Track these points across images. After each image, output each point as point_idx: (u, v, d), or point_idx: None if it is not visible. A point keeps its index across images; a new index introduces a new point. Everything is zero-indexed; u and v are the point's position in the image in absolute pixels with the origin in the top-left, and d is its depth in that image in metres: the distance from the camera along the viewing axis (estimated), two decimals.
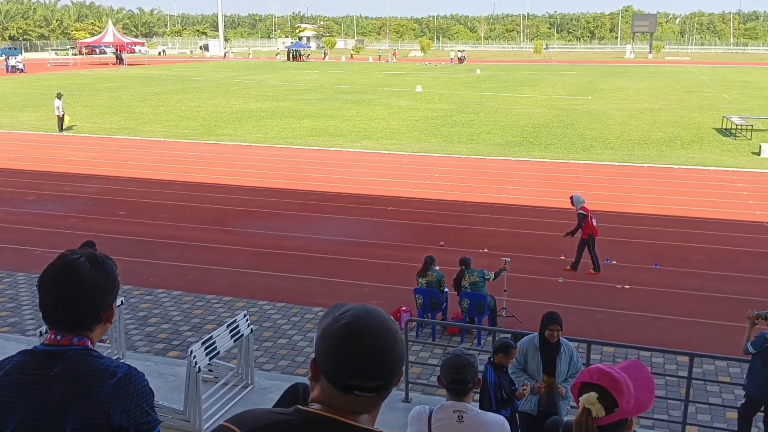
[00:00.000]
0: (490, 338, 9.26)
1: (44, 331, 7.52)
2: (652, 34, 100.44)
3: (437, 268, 10.20)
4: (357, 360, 1.51)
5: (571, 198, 12.26)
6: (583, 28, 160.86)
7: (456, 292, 10.02)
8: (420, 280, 10.04)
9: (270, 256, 13.03)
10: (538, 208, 16.23)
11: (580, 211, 11.89)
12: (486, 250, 13.02)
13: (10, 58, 65.33)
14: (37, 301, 1.99)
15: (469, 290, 9.75)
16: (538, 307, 10.37)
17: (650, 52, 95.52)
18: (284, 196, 17.41)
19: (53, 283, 1.95)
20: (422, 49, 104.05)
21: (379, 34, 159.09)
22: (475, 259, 10.55)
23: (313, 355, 1.59)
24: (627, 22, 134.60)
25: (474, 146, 24.42)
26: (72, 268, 1.96)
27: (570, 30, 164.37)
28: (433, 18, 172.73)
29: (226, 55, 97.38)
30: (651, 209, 16.04)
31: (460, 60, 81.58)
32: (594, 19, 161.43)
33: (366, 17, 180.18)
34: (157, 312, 10.33)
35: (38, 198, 17.10)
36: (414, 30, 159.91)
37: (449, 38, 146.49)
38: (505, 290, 10.10)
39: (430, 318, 9.92)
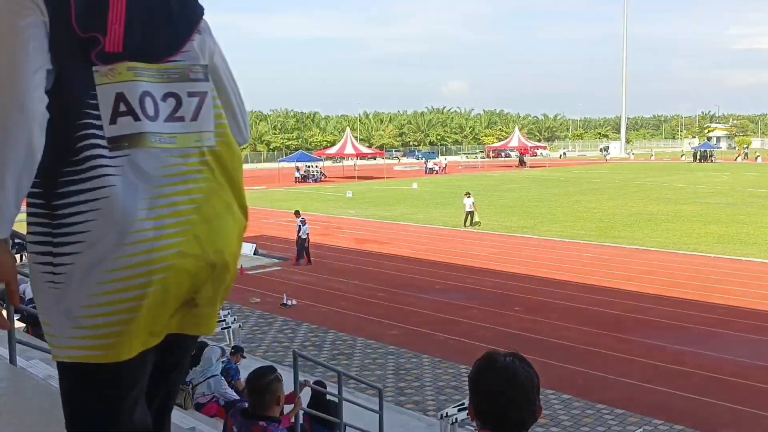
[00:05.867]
0: None
1: (444, 414, 8.00)
2: None
3: None
4: None
5: None
6: None
7: None
8: None
9: (667, 370, 12.00)
10: None
11: None
12: None
13: (429, 161, 74.56)
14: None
15: None
16: None
17: None
18: (686, 306, 16.05)
19: (505, 387, 2.02)
20: None
21: None
22: None
23: None
24: None
25: None
26: (515, 371, 2.04)
27: None
28: None
29: (629, 155, 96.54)
30: None
31: None
32: None
33: None
34: (547, 413, 10.21)
35: (443, 287, 18.68)
36: None
37: None
38: None
39: None
